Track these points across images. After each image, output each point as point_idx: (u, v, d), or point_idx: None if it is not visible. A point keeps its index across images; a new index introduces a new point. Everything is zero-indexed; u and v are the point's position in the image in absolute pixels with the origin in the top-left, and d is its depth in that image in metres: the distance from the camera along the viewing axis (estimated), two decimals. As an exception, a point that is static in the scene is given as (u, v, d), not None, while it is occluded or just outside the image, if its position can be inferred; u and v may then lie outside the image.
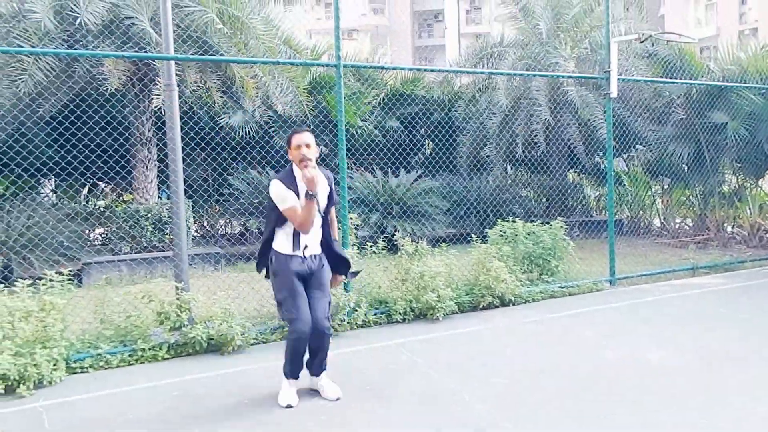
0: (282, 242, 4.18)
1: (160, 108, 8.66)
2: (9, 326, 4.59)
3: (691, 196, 12.64)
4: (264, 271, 4.35)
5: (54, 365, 4.72)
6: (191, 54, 8.67)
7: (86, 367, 5.00)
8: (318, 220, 4.20)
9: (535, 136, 11.62)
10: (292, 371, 4.24)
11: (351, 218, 6.30)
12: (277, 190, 4.05)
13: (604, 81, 7.71)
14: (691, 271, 8.45)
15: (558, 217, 7.85)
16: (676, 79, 10.69)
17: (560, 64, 11.30)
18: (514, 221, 7.46)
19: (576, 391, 4.20)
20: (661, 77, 11.41)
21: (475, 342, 5.48)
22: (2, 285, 4.91)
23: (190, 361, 5.17)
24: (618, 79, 7.77)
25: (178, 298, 5.48)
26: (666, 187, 13.20)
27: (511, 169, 14.26)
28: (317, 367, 4.31)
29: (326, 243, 4.32)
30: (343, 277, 4.52)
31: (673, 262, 9.16)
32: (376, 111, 12.73)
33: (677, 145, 11.25)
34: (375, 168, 11.99)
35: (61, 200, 11.79)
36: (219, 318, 5.43)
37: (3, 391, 4.40)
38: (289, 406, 4.10)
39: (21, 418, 4.07)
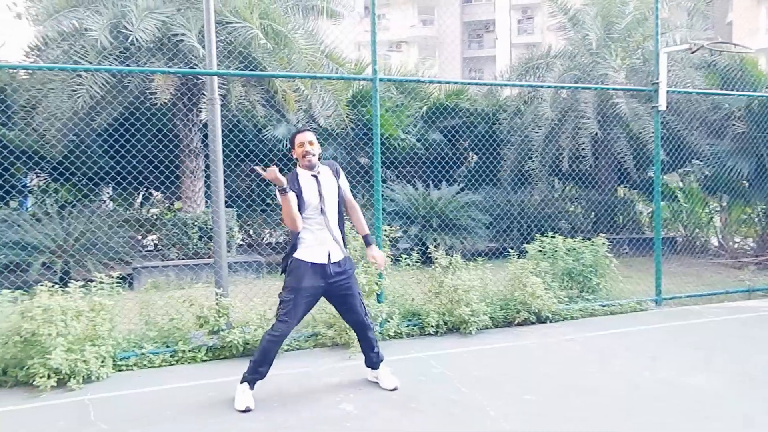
0: (302, 247, 4.28)
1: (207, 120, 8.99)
2: (62, 324, 4.85)
3: (752, 215, 12.04)
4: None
5: (102, 362, 5.00)
6: (235, 69, 8.97)
7: (131, 365, 5.25)
8: (337, 221, 4.32)
9: (582, 149, 11.45)
10: (252, 378, 4.32)
11: (385, 230, 6.37)
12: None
13: (653, 93, 7.56)
14: (746, 293, 8.09)
15: (606, 234, 7.67)
16: (735, 90, 10.34)
17: (609, 75, 11.12)
18: (554, 236, 7.37)
19: (606, 412, 4.14)
20: (720, 88, 11.08)
21: (508, 358, 5.45)
22: (57, 286, 5.18)
23: (226, 363, 5.34)
24: (668, 91, 7.60)
25: (217, 304, 5.68)
26: (725, 204, 12.68)
27: (557, 183, 14.08)
28: (374, 360, 4.57)
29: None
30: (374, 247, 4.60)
31: (728, 283, 8.78)
32: (419, 123, 12.81)
33: (737, 160, 10.78)
34: (416, 180, 12.06)
35: (117, 207, 12.28)
36: (255, 323, 5.61)
37: (55, 384, 4.68)
38: (247, 410, 4.20)
39: (70, 409, 4.33)
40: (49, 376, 4.68)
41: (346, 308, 4.47)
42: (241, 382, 4.35)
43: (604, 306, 7.09)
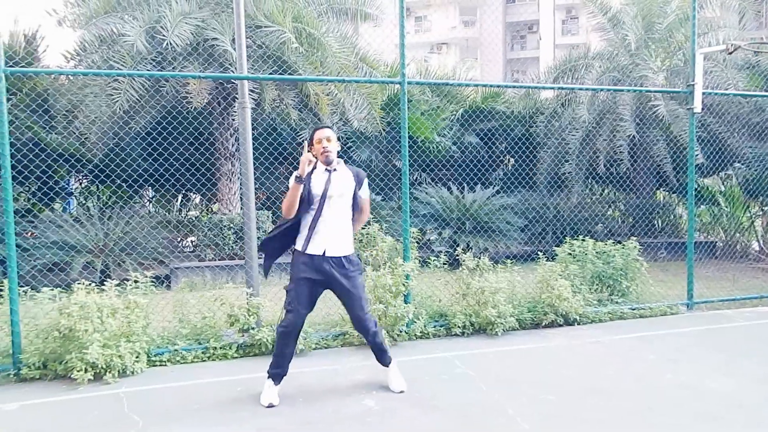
0: (299, 238, 4.43)
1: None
2: (98, 321, 5.05)
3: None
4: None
5: (136, 357, 5.18)
6: (268, 72, 9.14)
7: (164, 361, 5.43)
8: (342, 220, 4.40)
9: (620, 152, 11.30)
10: (275, 373, 4.46)
11: (413, 232, 6.43)
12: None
13: (689, 95, 7.45)
14: (782, 298, 7.90)
15: (644, 238, 7.57)
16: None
17: (648, 77, 10.96)
18: (584, 240, 7.33)
19: (623, 414, 4.12)
20: (764, 90, 10.81)
21: (531, 359, 5.46)
22: (96, 285, 5.39)
23: (255, 360, 5.47)
24: (704, 93, 7.50)
25: (247, 303, 5.83)
26: (766, 208, 12.43)
27: (595, 186, 13.91)
28: (382, 357, 4.63)
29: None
30: None
31: (764, 288, 8.60)
32: (455, 126, 12.82)
33: (780, 163, 10.59)
34: (451, 183, 12.07)
35: (157, 210, 12.64)
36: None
37: (92, 377, 4.89)
38: (270, 405, 4.33)
39: (106, 401, 4.53)
40: (86, 370, 4.89)
41: (346, 306, 4.53)
42: (267, 378, 4.48)
43: (633, 309, 7.01)
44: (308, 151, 4.31)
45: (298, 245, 4.42)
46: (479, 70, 40.87)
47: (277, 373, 4.47)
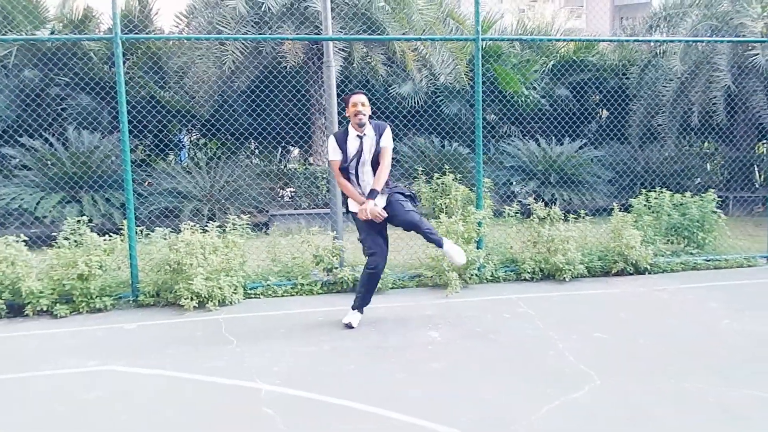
0: (351, 201, 5.04)
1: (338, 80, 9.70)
2: (202, 257, 5.82)
3: None
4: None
5: (234, 290, 5.93)
6: (357, 31, 9.56)
7: (258, 294, 6.18)
8: (370, 171, 4.98)
9: (714, 104, 10.94)
10: (359, 304, 5.14)
11: (486, 182, 6.76)
12: (330, 144, 5.00)
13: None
14: None
15: (743, 192, 7.48)
16: None
17: (746, 25, 10.48)
18: (661, 192, 7.38)
19: (668, 353, 4.35)
20: None
21: (593, 303, 5.74)
22: (199, 227, 6.18)
23: (337, 296, 6.12)
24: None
25: (332, 246, 6.44)
26: None
27: (691, 138, 13.47)
28: (435, 238, 5.05)
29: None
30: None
31: None
32: (545, 79, 12.78)
33: None
34: (539, 136, 12.14)
35: (259, 162, 13.53)
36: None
37: (197, 305, 5.70)
38: (349, 325, 5.02)
39: (207, 325, 5.30)
40: (191, 299, 5.68)
41: (396, 218, 4.97)
42: (352, 309, 5.16)
43: (708, 260, 7.05)
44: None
45: (353, 207, 5.04)
46: (584, 19, 39.30)
47: (360, 305, 5.16)
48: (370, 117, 5.01)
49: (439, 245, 5.07)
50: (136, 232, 6.07)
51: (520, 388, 3.78)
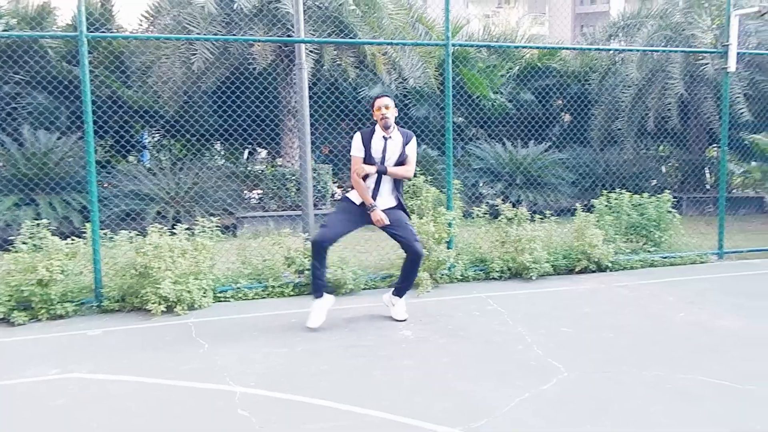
0: (354, 193, 5.11)
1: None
2: (170, 260, 5.74)
3: None
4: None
5: (203, 293, 5.88)
6: (327, 34, 9.64)
7: (228, 297, 6.15)
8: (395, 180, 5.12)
9: (669, 110, 11.41)
10: (313, 289, 5.18)
11: (455, 183, 6.91)
12: (355, 141, 5.09)
13: (724, 55, 7.70)
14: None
15: (693, 193, 7.92)
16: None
17: (697, 36, 10.96)
18: (620, 193, 7.68)
19: (627, 345, 4.58)
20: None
21: (558, 299, 5.96)
22: (165, 229, 6.12)
23: (309, 298, 6.05)
24: (738, 53, 7.80)
25: (303, 247, 6.49)
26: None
27: (646, 142, 13.94)
28: (402, 290, 5.29)
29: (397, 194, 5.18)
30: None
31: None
32: (511, 83, 13.06)
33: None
34: (506, 139, 12.39)
35: (225, 163, 13.46)
36: (335, 265, 6.35)
37: (165, 309, 5.61)
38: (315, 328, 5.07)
39: (176, 329, 5.25)
40: (159, 303, 5.56)
41: (399, 236, 5.11)
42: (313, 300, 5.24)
43: (664, 258, 7.42)
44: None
45: (353, 197, 5.13)
46: (547, 26, 40.07)
47: (315, 289, 5.18)
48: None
49: (406, 287, 5.32)
50: (100, 236, 5.93)
51: (491, 381, 3.91)
